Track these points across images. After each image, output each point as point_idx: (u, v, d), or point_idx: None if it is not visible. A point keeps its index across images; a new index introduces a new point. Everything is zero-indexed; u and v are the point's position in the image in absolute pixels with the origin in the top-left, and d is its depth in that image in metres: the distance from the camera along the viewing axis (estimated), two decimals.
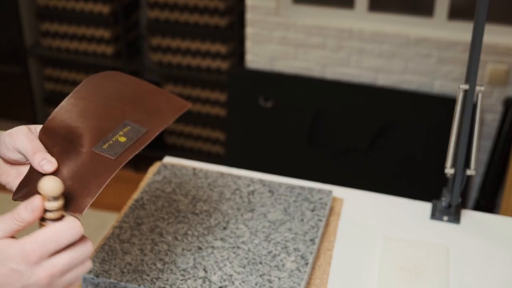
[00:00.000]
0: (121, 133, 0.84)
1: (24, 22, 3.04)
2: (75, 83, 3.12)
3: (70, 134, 0.83)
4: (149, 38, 2.91)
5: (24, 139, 0.79)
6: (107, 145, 0.82)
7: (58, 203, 0.70)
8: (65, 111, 0.86)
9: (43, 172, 0.77)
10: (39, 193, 0.71)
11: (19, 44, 3.06)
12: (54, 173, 0.77)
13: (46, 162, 0.77)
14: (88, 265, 0.72)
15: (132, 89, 0.93)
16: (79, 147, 0.81)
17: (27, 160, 0.80)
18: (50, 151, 0.79)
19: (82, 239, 0.71)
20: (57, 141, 0.81)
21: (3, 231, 0.69)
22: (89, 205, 0.74)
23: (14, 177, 0.81)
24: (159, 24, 2.87)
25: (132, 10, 3.03)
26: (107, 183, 0.77)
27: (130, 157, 0.81)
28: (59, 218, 0.71)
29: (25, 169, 0.81)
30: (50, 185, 0.69)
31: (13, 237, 0.70)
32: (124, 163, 0.80)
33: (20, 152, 0.79)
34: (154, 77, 3.27)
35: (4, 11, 3.08)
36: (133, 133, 0.85)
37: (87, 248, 0.71)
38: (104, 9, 2.91)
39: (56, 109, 0.86)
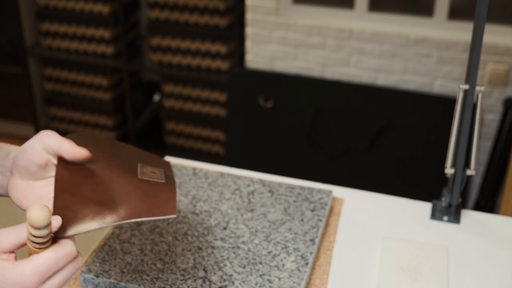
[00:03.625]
0: (148, 169, 0.87)
1: (24, 22, 3.04)
2: (75, 83, 3.12)
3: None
4: (149, 38, 2.91)
5: (56, 137, 0.81)
6: (148, 174, 0.85)
7: (43, 232, 0.68)
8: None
9: (80, 157, 0.79)
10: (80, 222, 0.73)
11: (19, 44, 3.06)
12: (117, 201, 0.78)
13: (78, 148, 0.80)
14: (77, 273, 0.75)
15: (106, 149, 0.89)
16: (120, 176, 0.82)
17: (54, 162, 0.81)
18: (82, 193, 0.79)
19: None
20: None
21: (10, 243, 0.69)
22: (176, 205, 0.79)
23: (35, 201, 0.81)
24: (159, 24, 2.87)
25: (132, 10, 3.03)
26: (176, 191, 0.82)
27: (174, 178, 0.86)
28: (49, 241, 0.70)
29: (46, 193, 0.81)
30: (36, 216, 0.66)
31: (13, 252, 0.70)
32: (175, 186, 0.85)
33: (50, 151, 0.80)
34: (154, 77, 3.28)
35: (4, 11, 3.08)
36: (156, 169, 0.88)
37: (77, 264, 0.72)
38: (104, 9, 2.91)
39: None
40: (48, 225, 0.68)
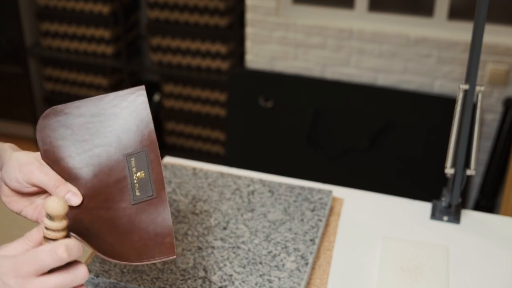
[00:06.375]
0: (134, 169, 0.82)
1: (24, 22, 3.04)
2: (75, 83, 3.12)
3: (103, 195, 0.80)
4: (149, 38, 2.91)
5: (39, 173, 0.78)
6: (137, 191, 0.80)
7: (55, 224, 0.69)
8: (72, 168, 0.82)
9: (71, 205, 0.77)
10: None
11: (19, 44, 3.06)
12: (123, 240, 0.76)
13: (71, 195, 0.78)
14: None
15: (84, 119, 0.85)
16: (115, 209, 0.79)
17: (44, 192, 0.81)
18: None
19: (75, 263, 0.70)
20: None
21: (16, 250, 0.71)
22: (174, 242, 0.75)
23: (26, 205, 0.82)
24: (159, 24, 2.87)
25: (132, 10, 3.03)
26: (171, 218, 0.78)
27: (164, 181, 0.81)
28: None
29: (36, 198, 0.81)
30: (51, 205, 0.69)
31: None
32: (165, 192, 0.80)
33: (37, 186, 0.79)
34: (154, 77, 3.28)
35: (4, 11, 3.08)
36: (141, 161, 0.82)
37: (79, 273, 0.70)
38: (104, 9, 2.91)
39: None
40: (62, 219, 0.69)
